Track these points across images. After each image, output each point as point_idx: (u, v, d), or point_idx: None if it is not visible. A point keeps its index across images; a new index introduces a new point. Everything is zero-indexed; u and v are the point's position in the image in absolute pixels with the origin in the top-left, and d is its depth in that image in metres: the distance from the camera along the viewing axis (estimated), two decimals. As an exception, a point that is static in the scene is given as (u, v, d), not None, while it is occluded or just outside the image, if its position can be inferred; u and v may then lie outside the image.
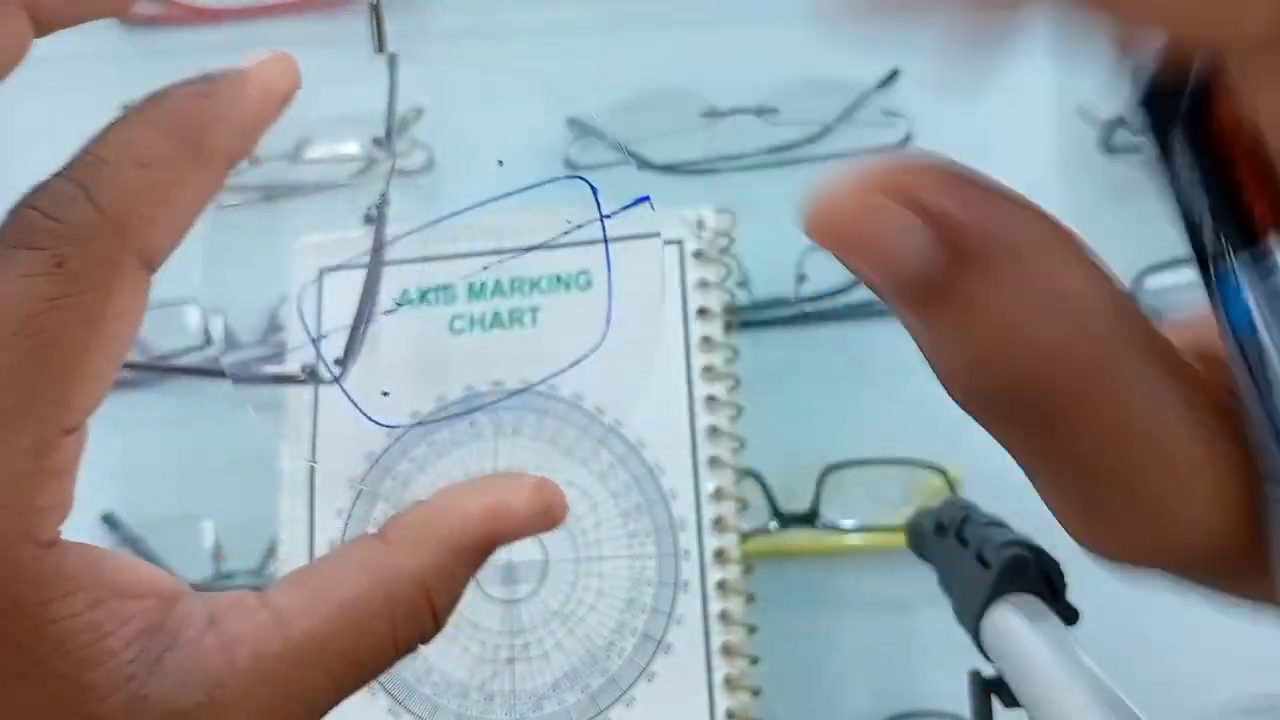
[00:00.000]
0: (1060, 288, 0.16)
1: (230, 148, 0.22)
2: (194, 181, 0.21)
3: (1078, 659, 0.30)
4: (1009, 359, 0.17)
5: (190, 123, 0.22)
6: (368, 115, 0.54)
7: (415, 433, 0.43)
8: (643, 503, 0.42)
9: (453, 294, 0.45)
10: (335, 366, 0.42)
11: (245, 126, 0.22)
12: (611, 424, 0.43)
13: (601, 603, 0.42)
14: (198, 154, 0.21)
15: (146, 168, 0.21)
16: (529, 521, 0.24)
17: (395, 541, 0.23)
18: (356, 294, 0.43)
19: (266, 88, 0.23)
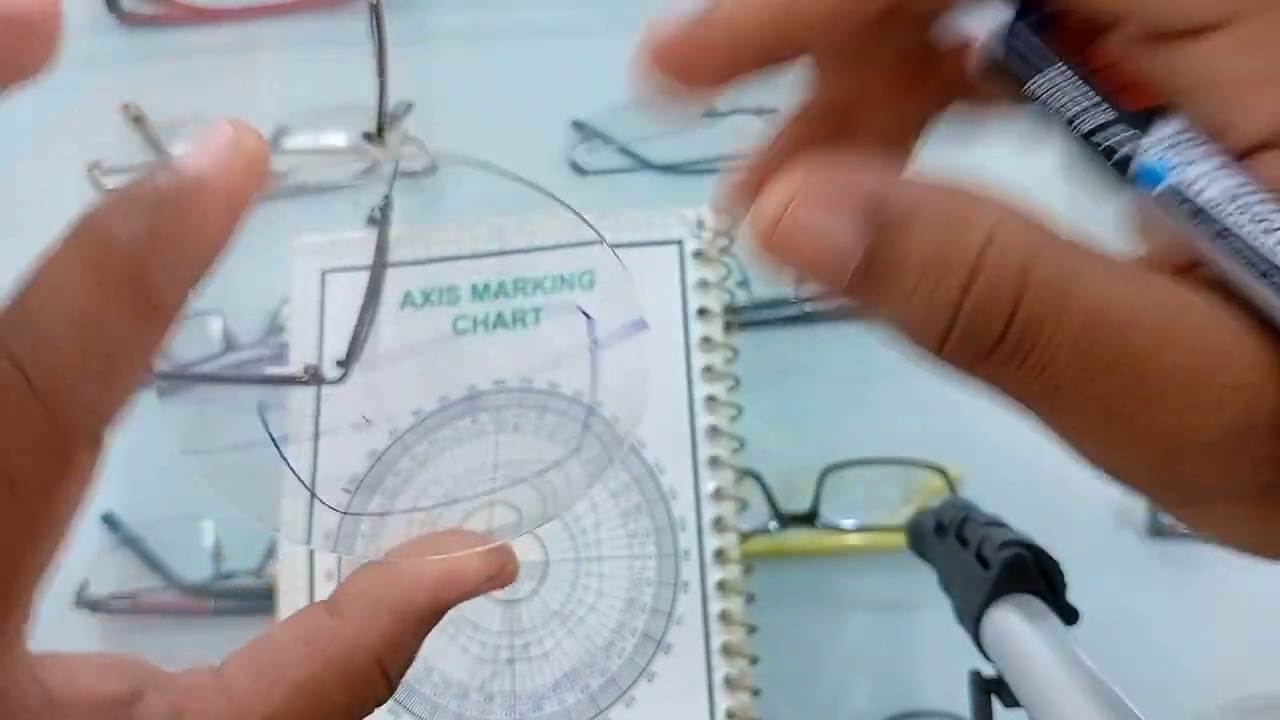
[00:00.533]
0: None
1: (184, 289, 0.19)
2: (143, 341, 0.19)
3: (1078, 659, 0.30)
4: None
5: (136, 277, 0.19)
6: (367, 114, 0.54)
7: (416, 431, 0.43)
8: (642, 503, 0.42)
9: (456, 294, 0.45)
10: (338, 368, 0.42)
11: (201, 261, 0.19)
12: (633, 441, 0.43)
13: (601, 603, 0.42)
14: (145, 312, 0.19)
15: (90, 343, 0.18)
16: (480, 586, 0.24)
17: (346, 615, 0.23)
18: (359, 295, 0.43)
19: (228, 198, 0.19)
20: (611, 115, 0.59)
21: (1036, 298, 0.17)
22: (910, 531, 0.43)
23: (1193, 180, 0.17)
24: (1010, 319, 0.17)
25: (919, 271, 0.18)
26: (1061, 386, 0.18)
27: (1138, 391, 0.17)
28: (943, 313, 0.17)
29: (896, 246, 0.18)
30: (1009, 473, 0.50)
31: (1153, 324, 0.17)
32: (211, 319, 0.54)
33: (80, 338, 0.18)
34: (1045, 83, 0.18)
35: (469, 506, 0.42)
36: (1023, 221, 0.18)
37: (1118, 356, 0.17)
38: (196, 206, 0.19)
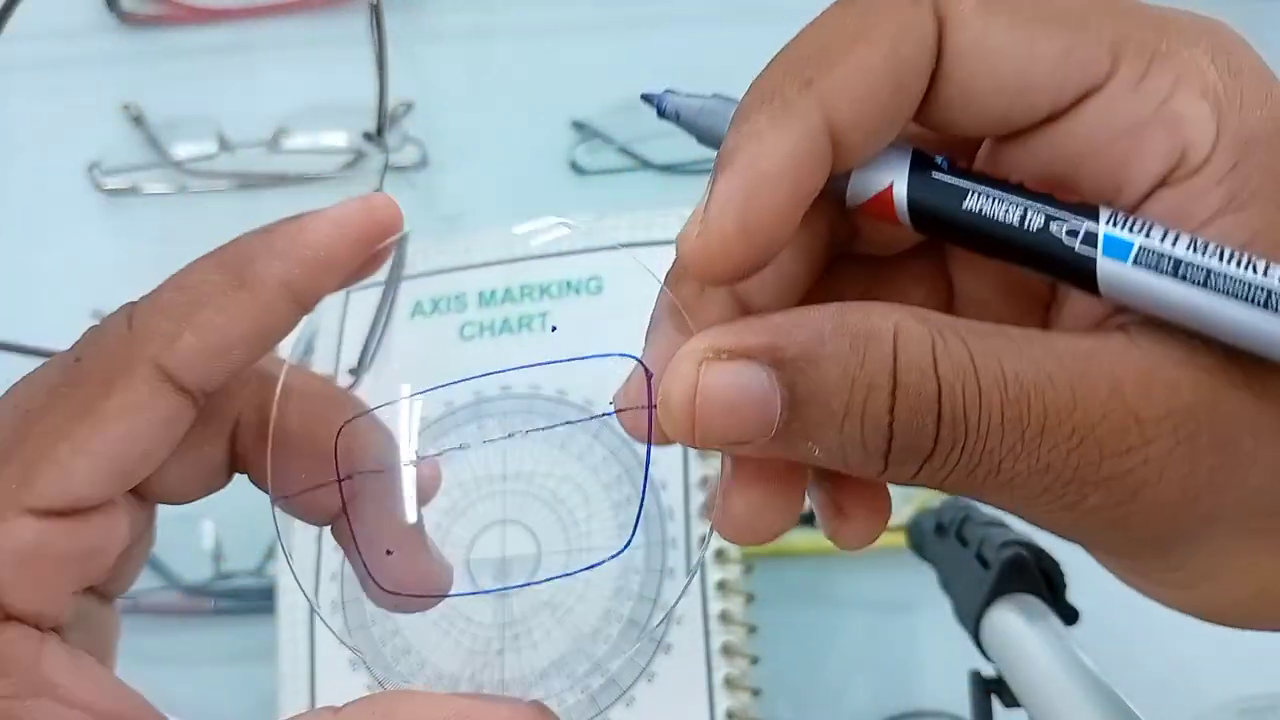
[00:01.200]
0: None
1: (281, 273, 0.22)
2: (233, 306, 0.22)
3: (1078, 659, 0.30)
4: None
5: (240, 253, 0.22)
6: (367, 112, 0.54)
7: (423, 437, 0.43)
8: (633, 493, 0.42)
9: (464, 301, 0.46)
10: (349, 375, 0.42)
11: (303, 256, 0.22)
12: (625, 436, 0.43)
13: (590, 591, 0.42)
14: (239, 280, 0.22)
15: (182, 290, 0.22)
16: None
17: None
18: (372, 306, 0.43)
19: (339, 222, 0.23)
20: (611, 115, 0.59)
21: (954, 388, 0.17)
22: (910, 531, 0.43)
23: (1160, 240, 0.18)
24: (939, 418, 0.17)
25: (842, 401, 0.18)
26: (1002, 466, 0.18)
27: (1075, 448, 0.18)
28: (877, 432, 0.18)
29: (813, 381, 0.18)
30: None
31: (1066, 378, 0.18)
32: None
33: (176, 286, 0.22)
34: (977, 201, 0.19)
35: (479, 521, 0.42)
36: (919, 317, 0.18)
37: (1044, 421, 0.17)
38: (306, 219, 0.23)
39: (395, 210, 0.24)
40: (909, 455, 0.18)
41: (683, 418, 0.18)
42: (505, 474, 0.42)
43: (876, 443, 0.18)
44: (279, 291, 0.22)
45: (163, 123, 0.59)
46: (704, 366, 0.18)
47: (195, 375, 0.22)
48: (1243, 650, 0.47)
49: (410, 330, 0.45)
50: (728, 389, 0.18)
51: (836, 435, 0.18)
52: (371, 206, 0.23)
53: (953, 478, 0.18)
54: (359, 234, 0.23)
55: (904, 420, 0.18)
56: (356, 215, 0.23)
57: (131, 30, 0.63)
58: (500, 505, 0.42)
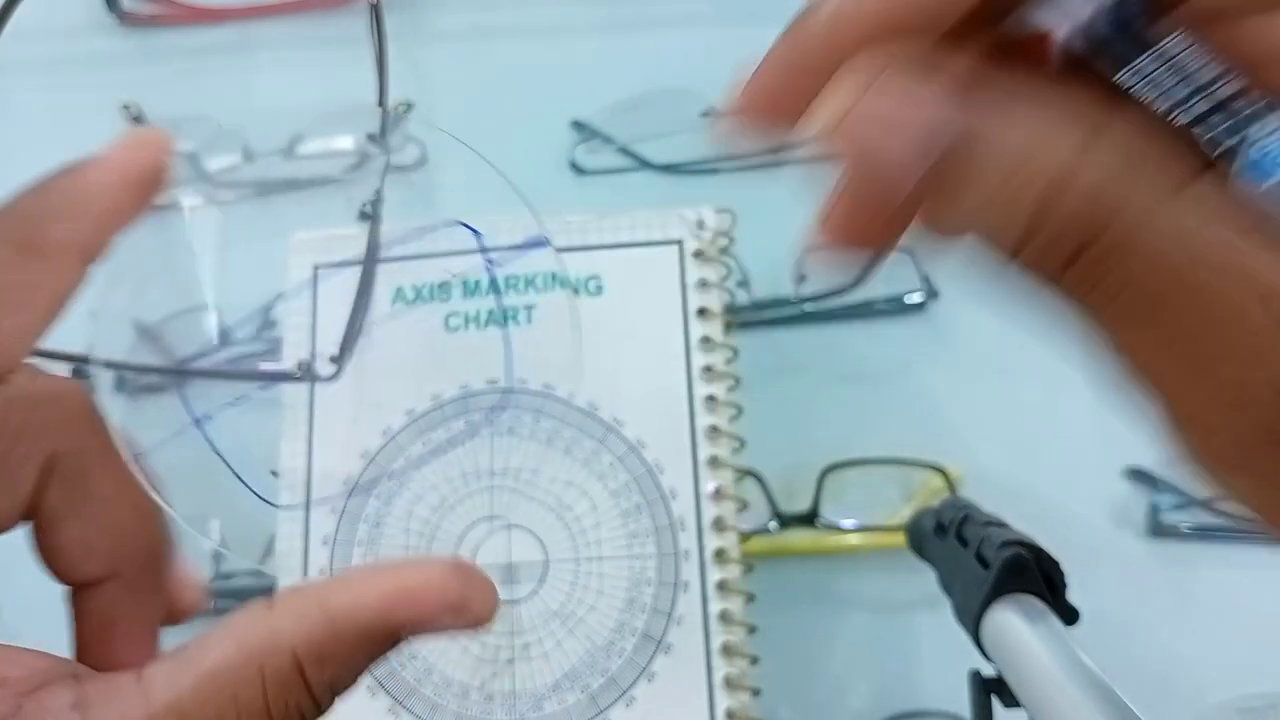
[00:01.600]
0: None
1: (69, 235, 0.22)
2: (28, 280, 0.21)
3: (1078, 659, 0.30)
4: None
5: (19, 219, 0.21)
6: (365, 112, 0.54)
7: (410, 431, 0.43)
8: (643, 503, 0.42)
9: (448, 291, 0.45)
10: (330, 364, 0.42)
11: (87, 213, 0.22)
12: (610, 423, 0.43)
13: (602, 602, 0.42)
14: (27, 249, 0.21)
15: None
16: (437, 614, 0.22)
17: (277, 609, 0.22)
18: (352, 291, 0.43)
19: (116, 168, 0.22)
20: (611, 115, 0.59)
21: (1126, 220, 0.17)
22: (910, 531, 0.43)
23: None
24: (1096, 236, 0.17)
25: (1012, 166, 0.17)
26: (1134, 314, 0.17)
27: (1210, 332, 0.17)
28: (1028, 214, 0.17)
29: (992, 137, 0.17)
30: (1009, 473, 0.50)
31: (1234, 269, 0.17)
32: (206, 315, 0.54)
33: None
34: (1131, 77, 0.17)
35: (467, 516, 0.42)
36: (1118, 141, 0.17)
37: (1194, 296, 0.17)
38: (80, 170, 0.22)
39: (165, 138, 0.23)
40: (1048, 254, 0.17)
41: (845, 124, 0.17)
42: (493, 469, 0.42)
43: (1018, 224, 0.17)
44: (70, 254, 0.22)
45: (163, 123, 0.59)
46: (886, 86, 0.17)
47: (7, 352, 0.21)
48: (1243, 650, 0.47)
49: (392, 319, 0.45)
50: (909, 99, 0.17)
51: (989, 197, 0.17)
52: (141, 141, 0.23)
53: (1076, 296, 0.18)
54: (137, 173, 0.23)
55: (1062, 217, 0.17)
56: (129, 154, 0.23)
57: (131, 30, 0.63)
58: (488, 501, 0.42)
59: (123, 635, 0.24)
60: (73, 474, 0.23)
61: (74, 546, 0.24)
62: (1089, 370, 0.20)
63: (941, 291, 0.54)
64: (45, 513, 0.23)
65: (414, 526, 0.42)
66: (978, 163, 0.17)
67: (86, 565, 0.24)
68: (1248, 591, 0.49)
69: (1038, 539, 0.35)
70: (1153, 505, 0.49)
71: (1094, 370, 0.20)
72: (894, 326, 0.54)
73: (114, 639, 0.24)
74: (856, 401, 0.53)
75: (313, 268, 0.46)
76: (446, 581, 0.22)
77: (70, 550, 0.24)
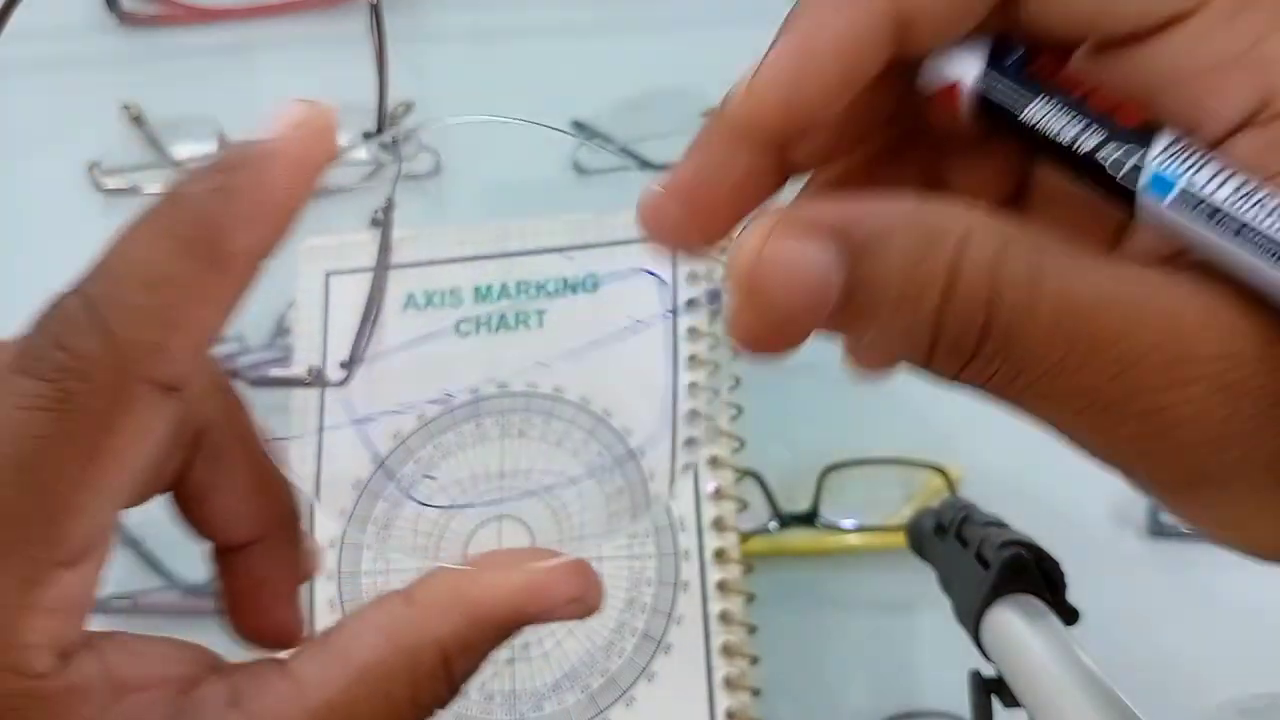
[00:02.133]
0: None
1: (255, 245, 0.20)
2: (214, 294, 0.20)
3: (1078, 659, 0.30)
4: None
5: (206, 229, 0.20)
6: (367, 113, 0.54)
7: (420, 434, 0.43)
8: (644, 504, 0.42)
9: (459, 297, 0.45)
10: (341, 369, 0.42)
11: (272, 218, 0.20)
12: (620, 429, 0.43)
13: (602, 603, 0.42)
14: (214, 264, 0.20)
15: (156, 288, 0.20)
16: (563, 607, 0.23)
17: (420, 604, 0.22)
18: (362, 297, 0.43)
19: (297, 164, 0.21)
20: (611, 115, 0.59)
21: (1008, 299, 0.17)
22: (910, 531, 0.43)
23: (1204, 183, 0.17)
24: (987, 324, 0.18)
25: (898, 291, 0.18)
26: (1043, 380, 0.18)
27: (1117, 375, 0.18)
28: (924, 329, 0.18)
29: (873, 268, 0.18)
30: (1009, 473, 0.50)
31: (1123, 307, 0.18)
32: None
33: (146, 282, 0.20)
34: (1037, 111, 0.19)
35: (478, 514, 0.42)
36: (991, 225, 0.18)
37: (1092, 344, 0.17)
38: (262, 167, 0.20)
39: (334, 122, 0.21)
40: (951, 356, 0.18)
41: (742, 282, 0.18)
42: (503, 471, 0.42)
43: (921, 339, 0.18)
44: (253, 263, 0.20)
45: (163, 123, 0.59)
46: (772, 237, 0.18)
47: (184, 374, 0.20)
48: (1243, 650, 0.47)
49: (403, 324, 0.45)
50: (791, 260, 0.18)
51: (887, 322, 0.18)
52: (318, 129, 0.21)
53: (992, 383, 0.19)
54: (315, 169, 0.21)
55: (951, 323, 0.18)
56: (309, 147, 0.21)
57: (131, 30, 0.63)
58: (497, 503, 0.42)
59: (271, 593, 0.25)
60: (218, 447, 0.24)
61: (224, 513, 0.25)
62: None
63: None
64: (193, 484, 0.24)
65: (422, 528, 0.42)
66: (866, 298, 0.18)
67: (237, 529, 0.25)
68: (1248, 591, 0.49)
69: (1038, 539, 0.35)
70: (1153, 505, 0.49)
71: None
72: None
73: (263, 596, 0.25)
74: (856, 401, 0.53)
75: (324, 274, 0.46)
76: (570, 576, 0.23)
77: (221, 517, 0.25)
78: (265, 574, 0.25)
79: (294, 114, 0.21)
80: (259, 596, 0.26)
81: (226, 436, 0.24)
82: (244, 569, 0.25)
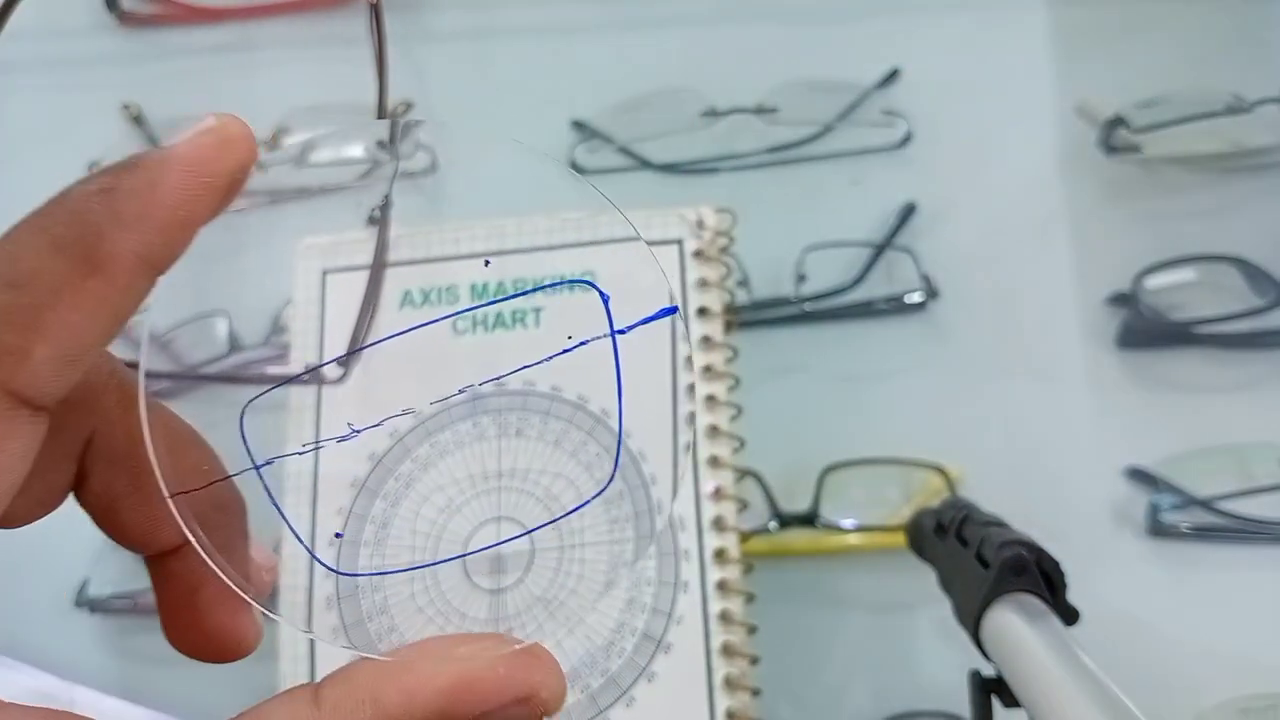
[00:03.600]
0: None
1: (140, 249, 0.18)
2: (88, 299, 0.18)
3: (1078, 659, 0.30)
4: None
5: (82, 228, 0.18)
6: (369, 115, 0.54)
7: (417, 433, 0.43)
8: (645, 509, 0.42)
9: (456, 294, 0.45)
10: (338, 367, 0.42)
11: (160, 222, 0.18)
12: (599, 415, 0.43)
13: (582, 586, 0.42)
14: (89, 265, 0.18)
15: (19, 288, 0.18)
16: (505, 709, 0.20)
17: (327, 706, 0.19)
18: (359, 295, 0.43)
19: (194, 169, 0.19)
20: (611, 115, 0.59)
21: None
22: (910, 531, 0.43)
23: None
24: None
25: None
26: None
27: None
28: None
29: None
30: (1009, 473, 0.50)
31: None
32: (217, 320, 0.54)
33: (9, 282, 0.18)
34: None
35: (477, 514, 0.42)
36: None
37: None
38: (156, 169, 0.19)
39: (248, 131, 0.20)
40: None
41: None
42: (500, 471, 0.42)
43: None
44: (137, 269, 0.18)
45: (162, 123, 0.59)
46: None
47: (52, 388, 0.18)
48: (1243, 650, 0.47)
49: (400, 322, 0.45)
50: None
51: None
52: (226, 138, 0.19)
53: None
54: (218, 175, 0.19)
55: None
56: (213, 154, 0.19)
57: (131, 30, 0.63)
58: (495, 502, 0.42)
59: (207, 600, 0.23)
60: (116, 454, 0.22)
61: (140, 522, 0.23)
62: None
63: (941, 291, 0.54)
64: (95, 494, 0.22)
65: (420, 528, 0.42)
66: None
67: (157, 537, 0.23)
68: (1248, 591, 0.49)
69: (1038, 539, 0.35)
70: (1153, 505, 0.49)
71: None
72: (894, 326, 0.54)
73: (198, 604, 0.23)
74: (856, 401, 0.53)
75: (321, 272, 0.46)
76: (518, 669, 0.20)
77: (136, 526, 0.23)
78: (198, 580, 0.23)
79: (201, 123, 0.20)
80: (193, 604, 0.23)
81: (126, 441, 0.22)
82: (175, 575, 0.23)
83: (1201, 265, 0.53)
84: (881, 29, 0.60)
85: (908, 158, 0.57)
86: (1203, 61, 0.57)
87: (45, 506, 0.22)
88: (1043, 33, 0.59)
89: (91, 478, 0.22)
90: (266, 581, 0.25)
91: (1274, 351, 0.52)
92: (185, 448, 0.22)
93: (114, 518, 0.22)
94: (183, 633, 0.23)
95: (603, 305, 0.23)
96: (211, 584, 0.22)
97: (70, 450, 0.21)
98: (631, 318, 0.42)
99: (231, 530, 0.23)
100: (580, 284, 0.23)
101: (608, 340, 0.42)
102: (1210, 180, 0.56)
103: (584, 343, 0.25)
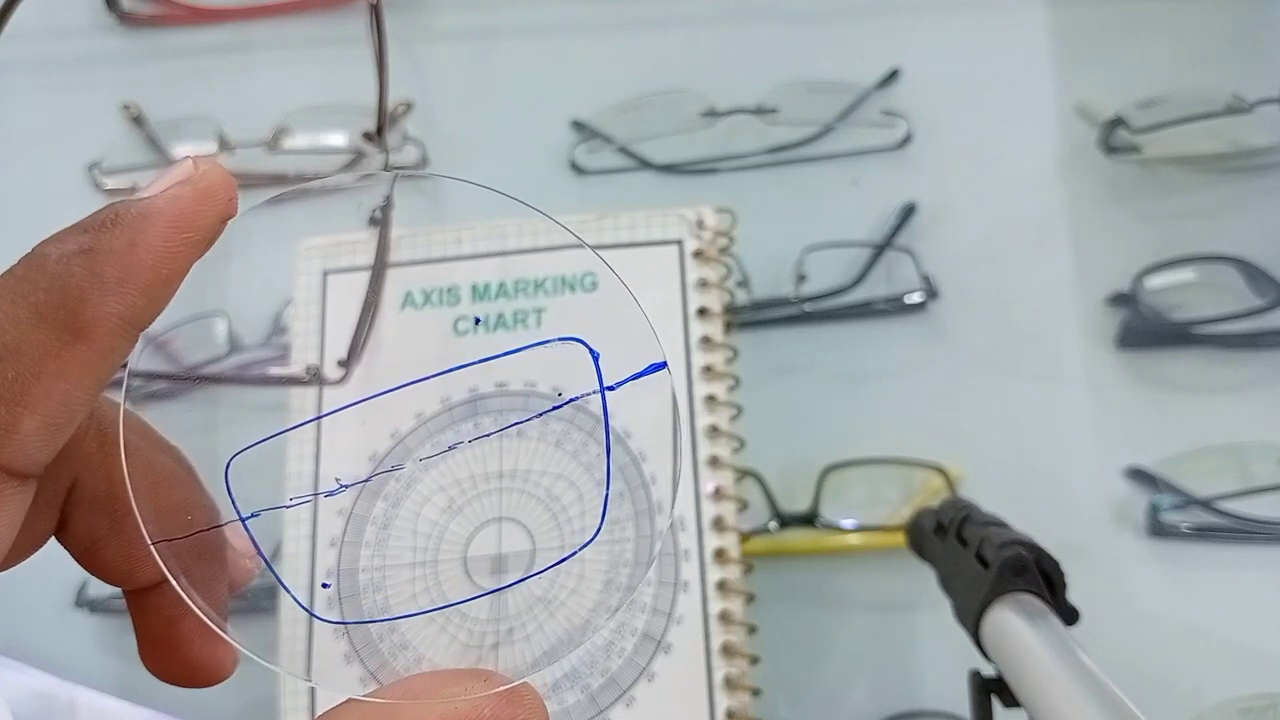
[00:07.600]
0: None
1: (124, 311, 0.18)
2: (73, 366, 0.18)
3: (1078, 659, 0.30)
4: None
5: (64, 295, 0.17)
6: (367, 112, 0.54)
7: (418, 433, 0.43)
8: (645, 509, 0.42)
9: (457, 295, 0.45)
10: (338, 368, 0.42)
11: (143, 283, 0.18)
12: (619, 430, 0.43)
13: (582, 585, 0.42)
14: (73, 333, 0.17)
15: (2, 361, 0.17)
16: None
17: None
18: (360, 295, 0.43)
19: (176, 224, 0.18)
20: (611, 115, 0.59)
21: None
22: (910, 531, 0.43)
23: None
24: None
25: None
26: None
27: None
28: None
29: None
30: (1009, 473, 0.50)
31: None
32: (217, 321, 0.54)
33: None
34: None
35: (478, 516, 0.42)
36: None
37: None
38: (136, 227, 0.18)
39: (228, 181, 0.19)
40: None
41: None
42: (501, 471, 0.42)
43: None
44: (120, 331, 0.18)
45: (163, 123, 0.59)
46: None
47: (40, 457, 0.18)
48: (1243, 650, 0.47)
49: (401, 323, 0.45)
50: None
51: None
52: (206, 189, 0.19)
53: None
54: (199, 230, 0.19)
55: None
56: (193, 207, 0.19)
57: (131, 30, 0.63)
58: (496, 503, 0.42)
59: (187, 631, 0.23)
60: (97, 499, 0.22)
61: (121, 562, 0.22)
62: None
63: (941, 291, 0.54)
64: (76, 536, 0.22)
65: (422, 528, 0.42)
66: None
67: (139, 574, 0.23)
68: (1248, 591, 0.49)
69: (1038, 539, 0.35)
70: (1153, 505, 0.49)
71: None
72: (894, 326, 0.54)
73: (179, 635, 0.23)
74: (856, 401, 0.53)
75: (322, 273, 0.46)
76: (497, 711, 0.20)
77: (116, 566, 0.23)
78: (177, 613, 0.23)
79: (179, 171, 0.19)
80: (172, 636, 0.23)
81: (107, 485, 0.22)
82: (154, 608, 0.23)
83: (1201, 265, 0.53)
84: (881, 29, 0.60)
85: (907, 158, 0.57)
86: (1203, 61, 0.57)
87: (26, 553, 0.21)
88: (1042, 33, 0.59)
89: (73, 521, 0.22)
90: (248, 569, 0.24)
91: (1274, 351, 0.52)
92: (168, 486, 0.22)
93: (94, 557, 0.22)
94: (161, 663, 0.23)
95: (593, 359, 0.23)
96: (189, 617, 0.22)
97: (53, 500, 0.21)
98: (632, 321, 0.42)
99: (211, 565, 0.23)
100: (571, 340, 0.23)
101: (608, 340, 0.42)
102: (1210, 180, 0.56)
103: (574, 399, 0.25)
